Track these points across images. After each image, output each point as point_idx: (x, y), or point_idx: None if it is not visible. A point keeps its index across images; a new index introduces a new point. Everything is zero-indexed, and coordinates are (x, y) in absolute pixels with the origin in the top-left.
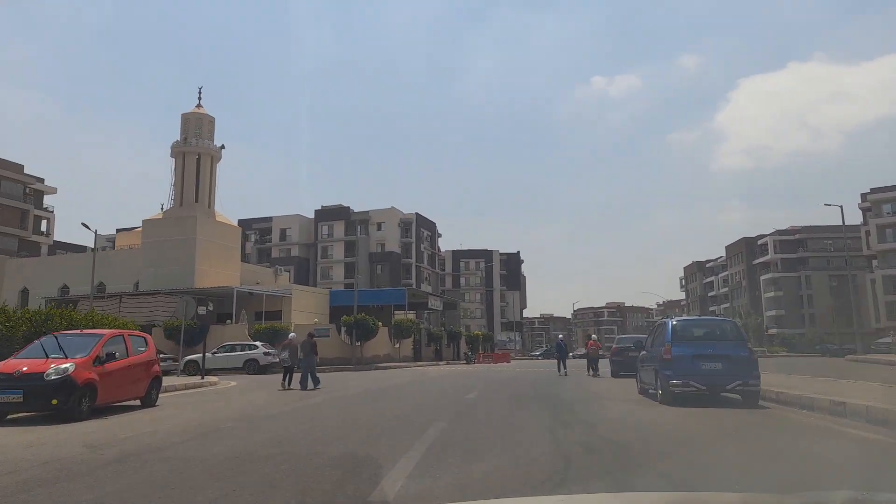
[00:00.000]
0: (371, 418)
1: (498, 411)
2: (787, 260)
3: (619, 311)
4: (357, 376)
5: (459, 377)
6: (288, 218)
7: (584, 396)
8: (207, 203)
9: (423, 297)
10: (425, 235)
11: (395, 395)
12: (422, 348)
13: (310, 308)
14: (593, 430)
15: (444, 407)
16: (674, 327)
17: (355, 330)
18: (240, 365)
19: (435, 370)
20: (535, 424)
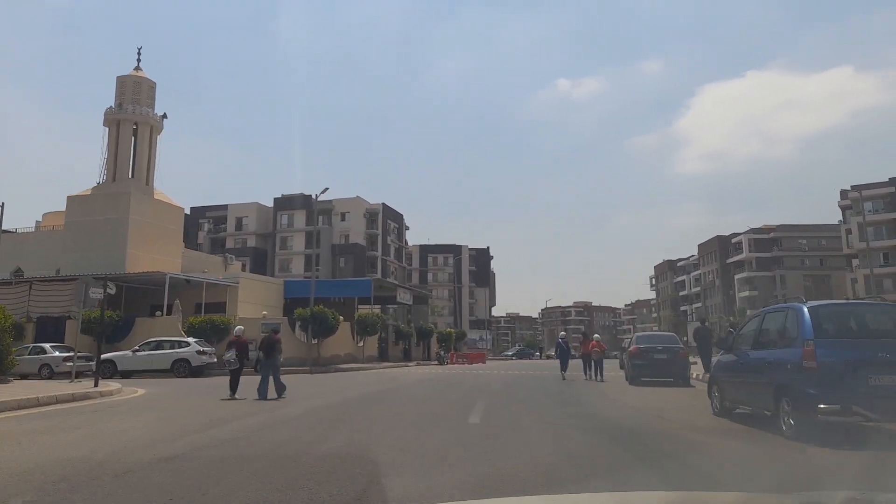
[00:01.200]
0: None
1: (547, 457)
2: (762, 259)
3: (586, 311)
4: (313, 381)
5: (441, 385)
6: (245, 206)
7: (641, 421)
8: (145, 179)
9: (392, 288)
10: (392, 227)
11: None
12: (389, 347)
13: (261, 300)
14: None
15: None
16: (816, 314)
17: (311, 325)
18: (167, 366)
19: (406, 374)
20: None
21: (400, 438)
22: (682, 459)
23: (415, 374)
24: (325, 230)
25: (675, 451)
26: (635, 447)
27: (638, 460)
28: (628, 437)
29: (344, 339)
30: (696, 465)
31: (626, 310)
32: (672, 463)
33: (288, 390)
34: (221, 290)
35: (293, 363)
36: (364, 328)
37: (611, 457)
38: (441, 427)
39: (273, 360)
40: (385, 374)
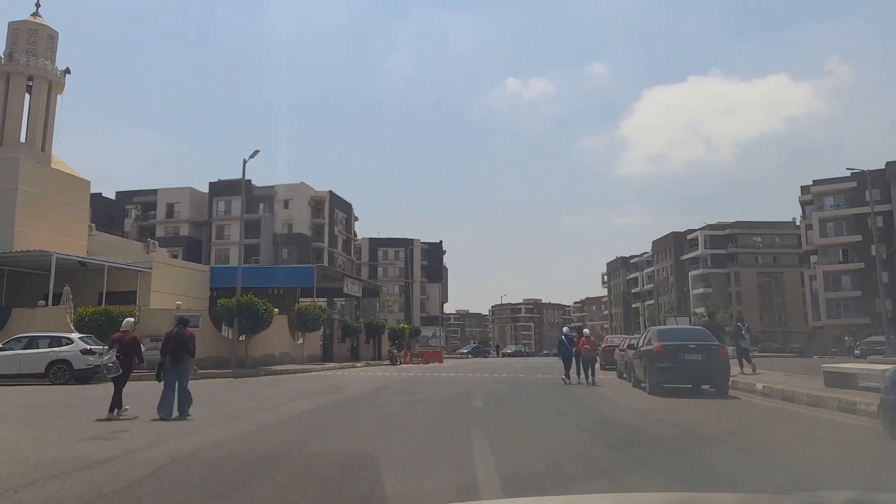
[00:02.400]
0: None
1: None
2: (717, 256)
3: (536, 308)
4: (233, 390)
5: (403, 397)
6: (177, 191)
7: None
8: (41, 144)
9: (338, 278)
10: (340, 217)
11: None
12: (334, 345)
13: (181, 289)
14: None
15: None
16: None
17: (238, 318)
18: (41, 369)
19: (355, 378)
20: None
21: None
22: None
23: (365, 378)
24: (266, 218)
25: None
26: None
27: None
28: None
29: (279, 335)
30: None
31: (575, 307)
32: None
33: (196, 405)
34: (131, 277)
35: (212, 364)
36: (304, 323)
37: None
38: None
39: (182, 364)
40: (328, 378)
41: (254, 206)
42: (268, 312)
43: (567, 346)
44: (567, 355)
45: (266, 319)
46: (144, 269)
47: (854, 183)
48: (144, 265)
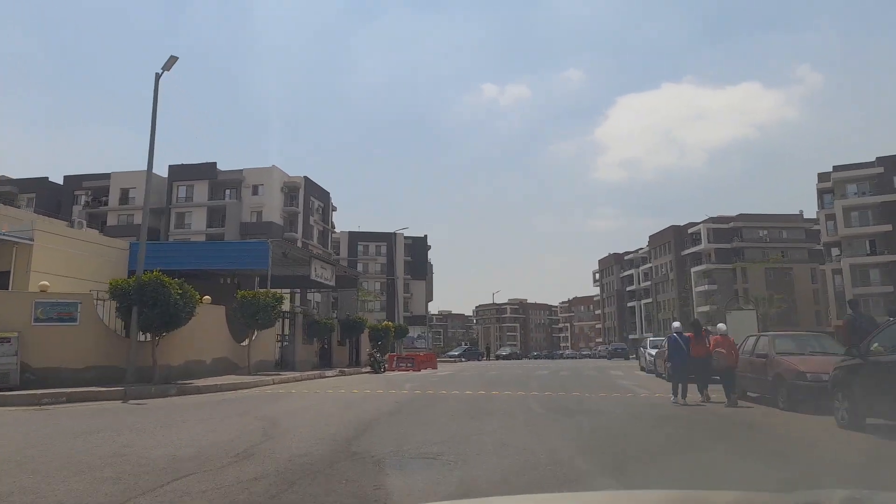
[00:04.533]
0: None
1: None
2: (722, 250)
3: (521, 308)
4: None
5: (411, 466)
6: (132, 175)
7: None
8: None
9: (304, 259)
10: (316, 206)
11: None
12: (296, 348)
13: (81, 270)
14: None
15: None
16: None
17: (139, 308)
18: None
19: (315, 400)
20: None
21: None
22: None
23: (331, 400)
24: (232, 205)
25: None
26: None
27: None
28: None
29: (211, 334)
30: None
31: (562, 307)
32: None
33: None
34: (5, 252)
35: (96, 378)
36: (250, 316)
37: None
38: None
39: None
40: (274, 400)
41: (219, 191)
42: (186, 299)
43: (680, 348)
44: (679, 360)
45: (184, 310)
46: (22, 241)
47: (881, 168)
48: (20, 235)
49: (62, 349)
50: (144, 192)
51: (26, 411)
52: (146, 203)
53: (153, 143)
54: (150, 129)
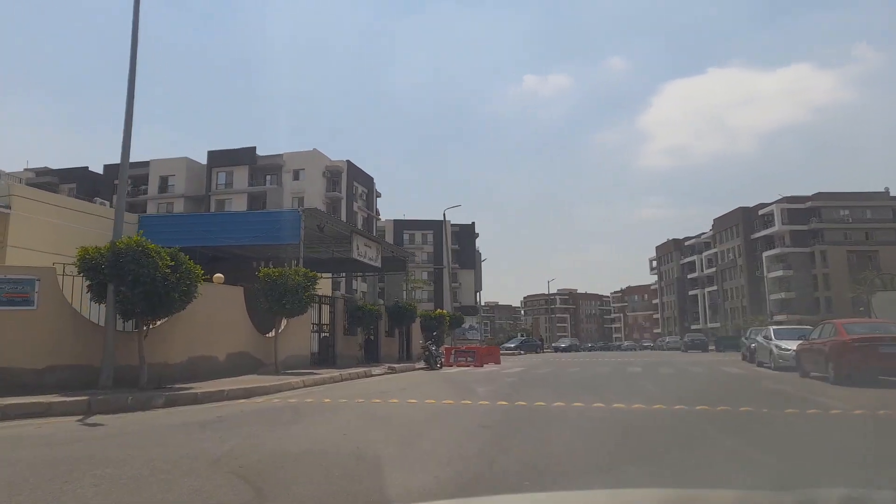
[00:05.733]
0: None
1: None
2: (798, 232)
3: (571, 299)
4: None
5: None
6: (171, 162)
7: None
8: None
9: (344, 235)
10: (360, 192)
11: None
12: (336, 340)
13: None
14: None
15: None
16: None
17: (118, 288)
18: None
19: (349, 418)
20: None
21: None
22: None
23: (381, 424)
24: (273, 191)
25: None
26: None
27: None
28: None
29: (224, 322)
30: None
31: (614, 297)
32: None
33: None
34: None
35: (57, 381)
36: (276, 299)
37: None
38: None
39: None
40: (284, 429)
41: (259, 177)
42: (182, 275)
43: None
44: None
45: (177, 289)
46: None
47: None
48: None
49: (14, 343)
50: (123, 133)
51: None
52: (126, 136)
53: (134, 63)
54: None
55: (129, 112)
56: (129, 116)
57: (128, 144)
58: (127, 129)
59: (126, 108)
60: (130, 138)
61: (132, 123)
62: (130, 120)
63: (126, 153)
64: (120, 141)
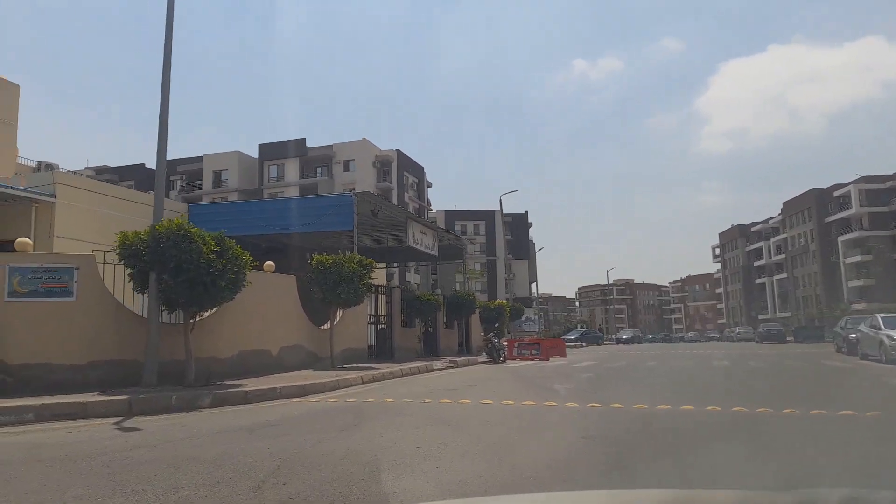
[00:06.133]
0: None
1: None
2: (878, 214)
3: (628, 289)
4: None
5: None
6: (223, 156)
7: None
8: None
9: (398, 221)
10: (410, 182)
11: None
12: (394, 332)
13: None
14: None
15: None
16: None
17: (160, 276)
18: None
19: (409, 442)
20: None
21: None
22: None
23: (461, 431)
24: (324, 183)
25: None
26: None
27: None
28: None
29: (276, 314)
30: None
31: (674, 286)
32: None
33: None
34: (21, 215)
35: (97, 378)
36: (330, 288)
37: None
38: None
39: None
40: (346, 437)
41: (310, 169)
42: (229, 262)
43: None
44: None
45: (223, 277)
46: (43, 199)
47: None
48: (38, 190)
49: (53, 337)
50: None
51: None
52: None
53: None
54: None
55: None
56: (165, 88)
57: (165, 117)
58: (164, 102)
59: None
60: (168, 112)
61: (169, 98)
62: (167, 93)
63: (164, 127)
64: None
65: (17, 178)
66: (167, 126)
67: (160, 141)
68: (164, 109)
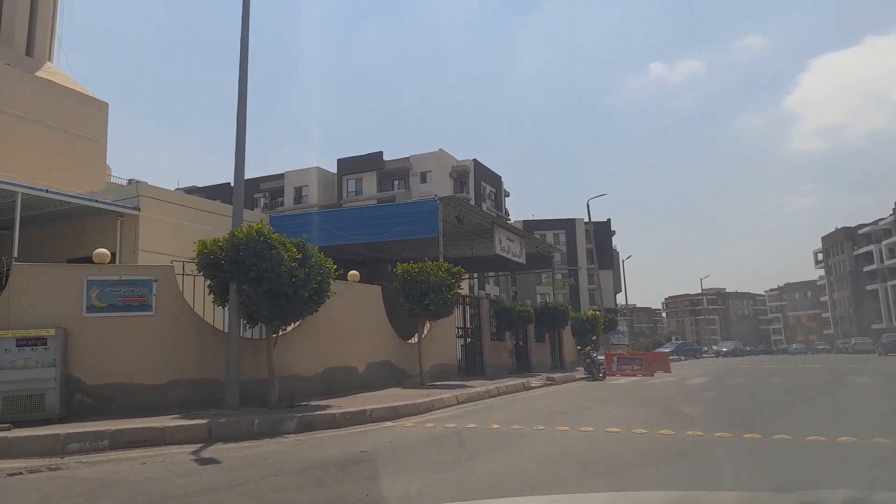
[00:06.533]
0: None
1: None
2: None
3: (720, 298)
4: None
5: None
6: (304, 173)
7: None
8: (25, 45)
9: (484, 227)
10: (488, 192)
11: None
12: (484, 347)
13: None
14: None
15: None
16: None
17: (240, 287)
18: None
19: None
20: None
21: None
22: None
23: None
24: (401, 196)
25: None
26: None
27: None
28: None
29: (362, 327)
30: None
31: (770, 295)
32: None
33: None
34: (106, 229)
35: (178, 399)
36: (417, 299)
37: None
38: None
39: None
40: (451, 472)
41: (387, 182)
42: (312, 270)
43: None
44: None
45: (306, 287)
46: (128, 212)
47: None
48: (122, 204)
49: (132, 355)
50: (238, 109)
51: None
52: (242, 97)
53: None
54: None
55: (243, 93)
56: (242, 94)
57: (244, 107)
58: (241, 107)
59: (239, 93)
60: (245, 105)
61: (247, 88)
62: (245, 100)
63: (242, 123)
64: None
65: (103, 193)
66: (245, 122)
67: (238, 137)
68: (242, 92)
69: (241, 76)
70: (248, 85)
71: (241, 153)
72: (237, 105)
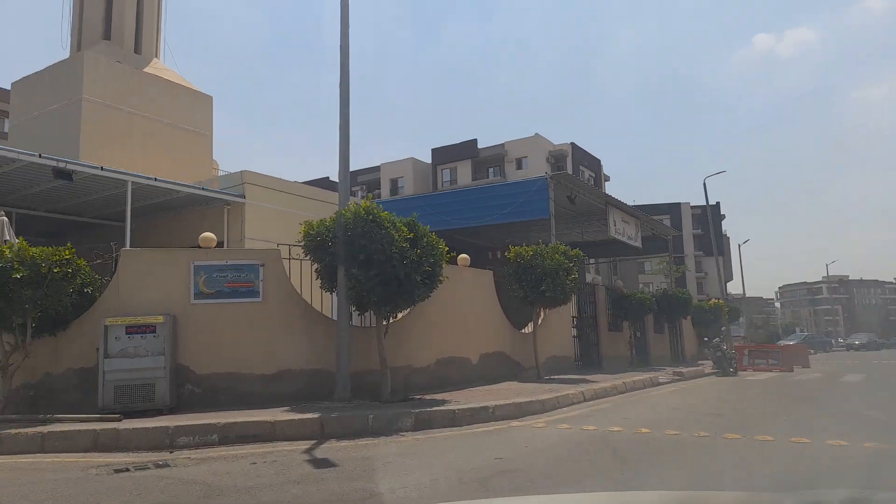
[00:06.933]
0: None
1: None
2: None
3: (842, 287)
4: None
5: None
6: (399, 164)
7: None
8: (133, 43)
9: (597, 207)
10: (587, 177)
11: None
12: (601, 337)
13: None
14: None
15: None
16: None
17: (349, 270)
18: None
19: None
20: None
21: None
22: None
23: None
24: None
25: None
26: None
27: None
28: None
29: (474, 315)
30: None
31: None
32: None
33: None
34: (215, 217)
35: (290, 390)
36: (532, 285)
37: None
38: None
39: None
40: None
41: (482, 170)
42: (425, 252)
43: None
44: None
45: (418, 270)
46: (231, 197)
47: None
48: (228, 191)
49: (240, 344)
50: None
51: (102, 471)
52: (344, 83)
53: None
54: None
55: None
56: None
57: (346, 78)
58: (344, 84)
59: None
60: (349, 76)
61: (349, 69)
62: (347, 76)
63: (346, 89)
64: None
65: (210, 182)
66: (349, 90)
67: (342, 110)
68: (344, 70)
69: (342, 59)
70: (349, 70)
71: (346, 126)
72: (339, 85)
